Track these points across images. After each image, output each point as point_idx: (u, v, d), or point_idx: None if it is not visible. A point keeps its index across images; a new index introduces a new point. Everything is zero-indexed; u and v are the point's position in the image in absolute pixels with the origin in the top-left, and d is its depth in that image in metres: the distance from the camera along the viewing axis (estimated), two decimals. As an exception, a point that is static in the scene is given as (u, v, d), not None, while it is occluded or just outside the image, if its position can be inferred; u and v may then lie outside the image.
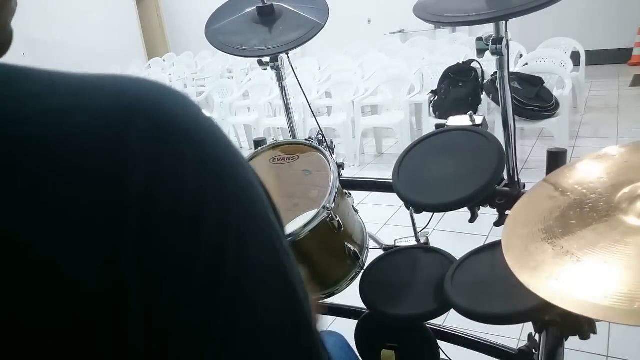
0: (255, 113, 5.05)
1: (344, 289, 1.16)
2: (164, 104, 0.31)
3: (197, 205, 0.28)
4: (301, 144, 1.23)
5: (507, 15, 0.99)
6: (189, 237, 0.27)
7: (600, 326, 0.91)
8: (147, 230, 0.26)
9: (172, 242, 0.26)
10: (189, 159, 0.29)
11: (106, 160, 0.26)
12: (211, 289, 0.27)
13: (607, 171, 0.73)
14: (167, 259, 0.26)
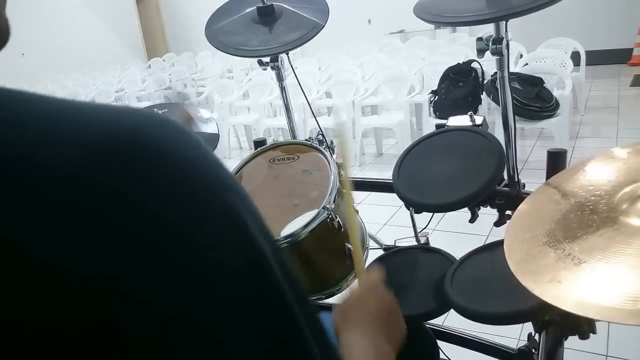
0: (255, 113, 5.05)
1: (344, 289, 1.16)
2: (151, 138, 0.30)
3: (179, 243, 0.28)
4: (301, 144, 1.23)
5: (507, 15, 0.99)
6: (172, 274, 0.27)
7: (599, 326, 0.91)
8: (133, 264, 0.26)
9: (156, 281, 0.26)
10: (171, 191, 0.28)
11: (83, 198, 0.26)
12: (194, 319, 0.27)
13: (607, 173, 0.73)
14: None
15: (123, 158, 0.27)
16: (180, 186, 0.29)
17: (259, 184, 1.21)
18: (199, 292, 0.28)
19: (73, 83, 7.99)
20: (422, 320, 1.24)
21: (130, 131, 0.29)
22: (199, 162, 0.32)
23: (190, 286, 0.27)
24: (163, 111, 1.48)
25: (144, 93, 7.15)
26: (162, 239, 0.27)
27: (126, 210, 0.26)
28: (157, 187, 0.28)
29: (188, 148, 0.32)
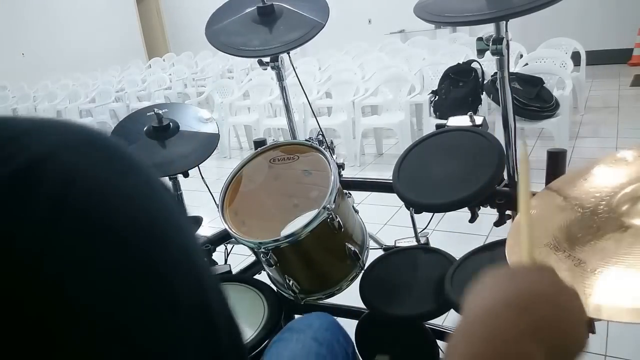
0: (255, 113, 5.05)
1: (344, 289, 1.16)
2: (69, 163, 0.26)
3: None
4: (301, 144, 1.23)
5: (507, 15, 0.99)
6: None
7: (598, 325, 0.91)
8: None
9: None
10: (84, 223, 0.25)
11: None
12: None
13: (608, 175, 0.73)
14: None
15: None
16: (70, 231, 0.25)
17: (259, 184, 1.21)
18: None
19: (73, 83, 7.98)
20: (422, 320, 1.24)
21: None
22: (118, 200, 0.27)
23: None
24: (163, 111, 1.48)
25: (144, 93, 7.15)
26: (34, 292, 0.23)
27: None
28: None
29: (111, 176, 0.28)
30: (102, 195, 0.26)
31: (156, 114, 1.45)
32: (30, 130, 0.27)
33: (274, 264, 1.07)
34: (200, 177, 1.50)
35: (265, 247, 1.04)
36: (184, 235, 0.31)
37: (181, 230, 0.31)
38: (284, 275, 1.12)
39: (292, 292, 1.14)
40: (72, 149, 0.27)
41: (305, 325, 0.98)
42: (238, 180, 1.20)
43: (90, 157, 0.27)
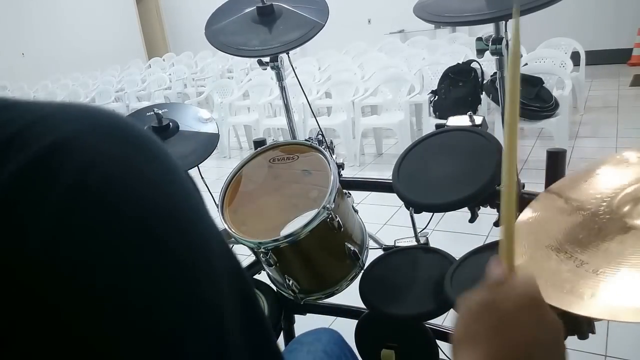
0: (255, 113, 5.05)
1: (344, 289, 1.16)
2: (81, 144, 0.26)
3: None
4: (301, 144, 1.23)
5: (507, 16, 0.99)
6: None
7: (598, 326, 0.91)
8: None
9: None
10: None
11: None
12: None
13: (609, 176, 0.72)
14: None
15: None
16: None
17: (259, 184, 1.21)
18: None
19: (73, 83, 7.99)
20: (422, 320, 1.24)
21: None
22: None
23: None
24: (163, 111, 1.48)
25: (144, 93, 7.15)
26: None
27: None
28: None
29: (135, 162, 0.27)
30: (122, 180, 0.26)
31: (156, 114, 1.45)
32: (51, 114, 0.27)
33: (273, 263, 1.07)
34: (200, 177, 1.50)
35: (265, 247, 1.04)
36: (205, 223, 0.30)
37: (203, 218, 0.30)
38: (284, 275, 1.12)
39: (292, 291, 1.14)
40: (93, 133, 0.27)
41: (314, 339, 0.99)
42: (238, 180, 1.20)
43: (111, 141, 0.27)
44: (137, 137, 0.29)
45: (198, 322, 0.27)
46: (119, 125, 0.29)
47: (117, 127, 0.28)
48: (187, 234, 0.28)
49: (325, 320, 1.73)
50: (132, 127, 0.29)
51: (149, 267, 0.26)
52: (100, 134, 0.27)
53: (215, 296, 0.29)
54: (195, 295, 0.28)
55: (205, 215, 0.31)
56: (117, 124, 0.29)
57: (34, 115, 0.27)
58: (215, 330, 0.29)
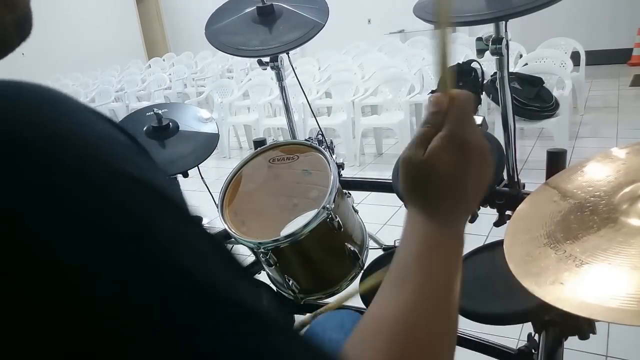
0: (255, 113, 5.05)
1: (344, 289, 1.16)
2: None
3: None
4: (301, 144, 1.23)
5: (507, 16, 0.99)
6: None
7: (599, 326, 0.92)
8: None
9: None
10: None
11: None
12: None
13: (606, 173, 0.73)
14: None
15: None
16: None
17: (259, 184, 1.21)
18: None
19: (73, 83, 7.99)
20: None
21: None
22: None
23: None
24: (163, 111, 1.48)
25: (144, 93, 7.15)
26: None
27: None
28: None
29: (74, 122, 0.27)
30: (60, 133, 0.26)
31: (156, 114, 1.45)
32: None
33: (273, 264, 1.07)
34: (200, 177, 1.50)
35: (265, 247, 1.04)
36: (142, 170, 0.28)
37: (139, 166, 0.29)
38: (284, 275, 1.12)
39: (292, 291, 1.14)
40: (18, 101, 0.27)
41: (336, 325, 0.97)
42: (237, 180, 1.20)
43: (34, 104, 0.28)
44: (56, 97, 0.29)
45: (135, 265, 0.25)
46: (37, 90, 0.29)
47: (36, 91, 0.29)
48: (120, 178, 0.27)
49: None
50: (48, 91, 0.30)
51: (81, 209, 0.25)
52: (23, 99, 0.28)
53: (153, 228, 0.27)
54: (139, 235, 0.26)
55: (144, 164, 0.29)
56: (33, 90, 0.29)
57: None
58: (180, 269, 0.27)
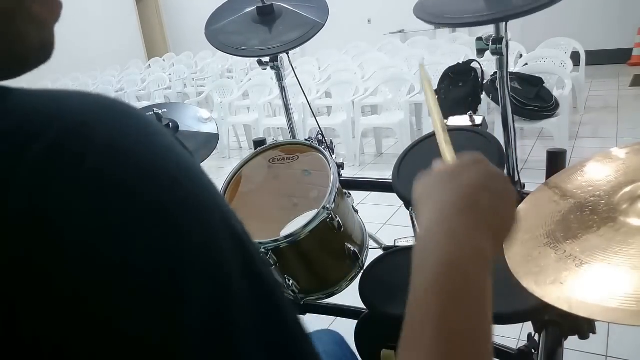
0: (255, 113, 5.05)
1: (344, 289, 1.16)
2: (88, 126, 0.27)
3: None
4: (301, 144, 1.23)
5: (507, 17, 0.99)
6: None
7: (599, 326, 0.92)
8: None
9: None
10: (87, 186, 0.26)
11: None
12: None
13: (606, 173, 0.73)
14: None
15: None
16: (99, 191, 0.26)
17: (258, 184, 1.21)
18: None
19: (73, 83, 7.99)
20: (421, 320, 1.24)
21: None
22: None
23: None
24: (163, 111, 1.48)
25: (144, 93, 7.15)
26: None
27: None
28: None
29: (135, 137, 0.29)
30: (137, 161, 0.27)
31: (156, 114, 1.45)
32: (52, 101, 0.28)
33: (273, 264, 1.07)
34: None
35: (265, 247, 1.04)
36: (207, 192, 0.31)
37: (204, 185, 0.31)
38: (284, 275, 1.12)
39: (292, 292, 1.14)
40: (104, 115, 0.28)
41: (314, 340, 0.99)
42: (237, 180, 1.20)
43: (121, 122, 0.29)
44: (140, 117, 0.31)
45: (190, 275, 0.27)
46: (123, 107, 0.31)
47: (123, 109, 0.30)
48: (185, 201, 0.29)
49: (325, 320, 1.73)
50: (132, 109, 0.31)
51: (154, 237, 0.27)
52: (112, 116, 0.29)
53: (216, 258, 0.30)
54: (195, 261, 0.28)
55: (208, 184, 0.32)
56: (121, 105, 0.30)
57: (39, 101, 0.28)
58: (217, 291, 0.29)
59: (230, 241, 0.31)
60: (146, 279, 0.26)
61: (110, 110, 0.29)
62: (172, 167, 0.29)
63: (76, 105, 0.28)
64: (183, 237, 0.28)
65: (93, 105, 0.29)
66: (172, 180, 0.28)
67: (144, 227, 0.26)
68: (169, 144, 0.30)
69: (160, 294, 0.26)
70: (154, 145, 0.29)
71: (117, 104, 0.30)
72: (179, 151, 0.31)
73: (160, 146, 0.30)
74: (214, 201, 0.31)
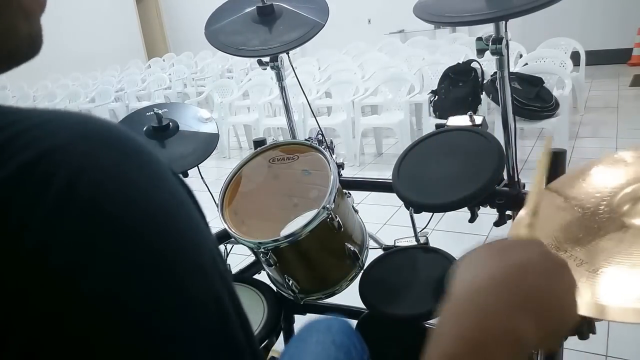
0: (255, 113, 5.05)
1: (344, 289, 1.16)
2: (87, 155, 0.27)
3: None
4: (301, 144, 1.23)
5: (507, 16, 0.98)
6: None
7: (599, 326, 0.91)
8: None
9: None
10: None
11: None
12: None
13: (606, 175, 0.72)
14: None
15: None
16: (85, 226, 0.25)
17: (258, 184, 1.21)
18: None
19: (73, 83, 7.98)
20: (421, 320, 1.24)
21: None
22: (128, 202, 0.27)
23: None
24: (163, 111, 1.48)
25: (144, 93, 7.14)
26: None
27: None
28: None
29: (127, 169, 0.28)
30: (111, 186, 0.26)
31: (156, 114, 1.45)
32: (47, 121, 0.27)
33: (273, 263, 1.07)
34: (200, 177, 1.49)
35: (265, 247, 1.04)
36: (196, 228, 0.30)
37: (193, 223, 0.30)
38: (284, 275, 1.12)
39: (292, 291, 1.14)
40: (83, 140, 0.27)
41: (325, 327, 0.98)
42: (237, 180, 1.20)
43: (101, 148, 0.28)
44: (129, 145, 0.29)
45: (190, 324, 0.28)
46: (112, 133, 0.29)
47: (109, 135, 0.29)
48: (175, 237, 0.28)
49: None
50: (124, 136, 0.29)
51: (137, 270, 0.26)
52: (92, 142, 0.28)
53: (207, 296, 0.29)
54: (185, 295, 0.28)
55: (196, 220, 0.31)
56: (109, 132, 0.29)
57: (29, 122, 0.27)
58: (211, 333, 0.29)
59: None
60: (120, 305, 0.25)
61: (95, 134, 0.29)
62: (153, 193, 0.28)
63: (55, 127, 0.28)
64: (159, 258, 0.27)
65: (74, 128, 0.28)
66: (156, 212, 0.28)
67: (113, 250, 0.26)
68: (158, 173, 0.30)
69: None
70: (137, 173, 0.29)
71: (106, 128, 0.29)
72: (167, 182, 0.30)
73: (147, 175, 0.29)
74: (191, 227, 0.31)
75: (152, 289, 0.26)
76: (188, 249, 0.29)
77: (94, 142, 0.28)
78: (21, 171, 0.25)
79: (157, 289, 0.26)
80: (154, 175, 0.29)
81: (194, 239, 0.30)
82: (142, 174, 0.29)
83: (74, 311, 0.24)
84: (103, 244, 0.25)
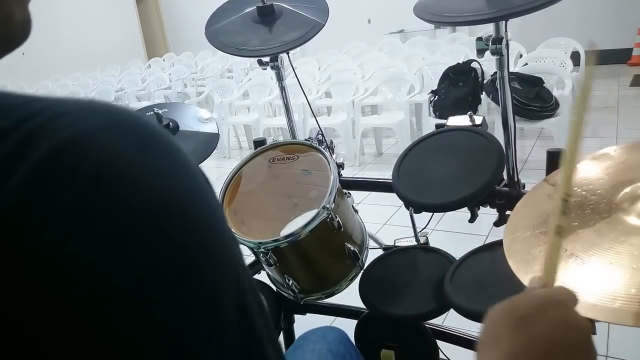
0: (255, 113, 5.05)
1: (343, 289, 1.16)
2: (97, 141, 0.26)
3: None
4: (301, 144, 1.23)
5: (507, 15, 0.99)
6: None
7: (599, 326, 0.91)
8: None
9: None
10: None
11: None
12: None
13: (606, 172, 0.72)
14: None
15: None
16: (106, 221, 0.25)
17: (258, 184, 1.21)
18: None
19: (73, 83, 7.99)
20: (421, 320, 1.24)
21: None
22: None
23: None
24: (163, 111, 1.48)
25: (144, 93, 7.15)
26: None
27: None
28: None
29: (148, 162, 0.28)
30: (136, 176, 0.26)
31: (156, 114, 1.45)
32: (70, 111, 0.28)
33: (273, 263, 1.07)
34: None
35: (265, 247, 1.04)
36: (217, 219, 0.31)
37: (214, 213, 0.31)
38: (284, 275, 1.12)
39: (292, 291, 1.14)
40: (107, 131, 0.27)
41: (319, 337, 0.99)
42: (237, 180, 1.20)
43: (125, 139, 0.28)
44: (151, 134, 0.29)
45: (208, 318, 0.28)
46: (134, 122, 0.29)
47: (131, 125, 0.29)
48: (198, 229, 0.29)
49: (325, 320, 1.73)
50: (145, 125, 0.30)
51: (160, 263, 0.26)
52: (115, 132, 0.28)
53: (225, 290, 0.30)
54: (205, 292, 0.28)
55: (217, 209, 0.31)
56: (131, 121, 0.29)
57: (52, 111, 0.27)
58: (232, 328, 0.29)
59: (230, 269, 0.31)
60: (130, 292, 0.25)
61: (120, 124, 0.29)
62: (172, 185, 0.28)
63: (77, 117, 0.28)
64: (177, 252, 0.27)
65: (97, 117, 0.28)
66: (179, 208, 0.28)
67: (131, 241, 0.26)
68: (184, 165, 0.30)
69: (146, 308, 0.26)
70: (160, 164, 0.29)
71: (131, 118, 0.29)
72: (190, 172, 0.30)
73: (170, 168, 0.29)
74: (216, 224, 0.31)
75: (171, 283, 0.26)
76: (207, 239, 0.29)
77: (116, 132, 0.28)
78: (42, 165, 0.25)
79: (176, 283, 0.26)
80: (175, 164, 0.30)
81: (214, 229, 0.30)
82: (164, 163, 0.29)
83: (94, 305, 0.24)
84: (124, 237, 0.25)
